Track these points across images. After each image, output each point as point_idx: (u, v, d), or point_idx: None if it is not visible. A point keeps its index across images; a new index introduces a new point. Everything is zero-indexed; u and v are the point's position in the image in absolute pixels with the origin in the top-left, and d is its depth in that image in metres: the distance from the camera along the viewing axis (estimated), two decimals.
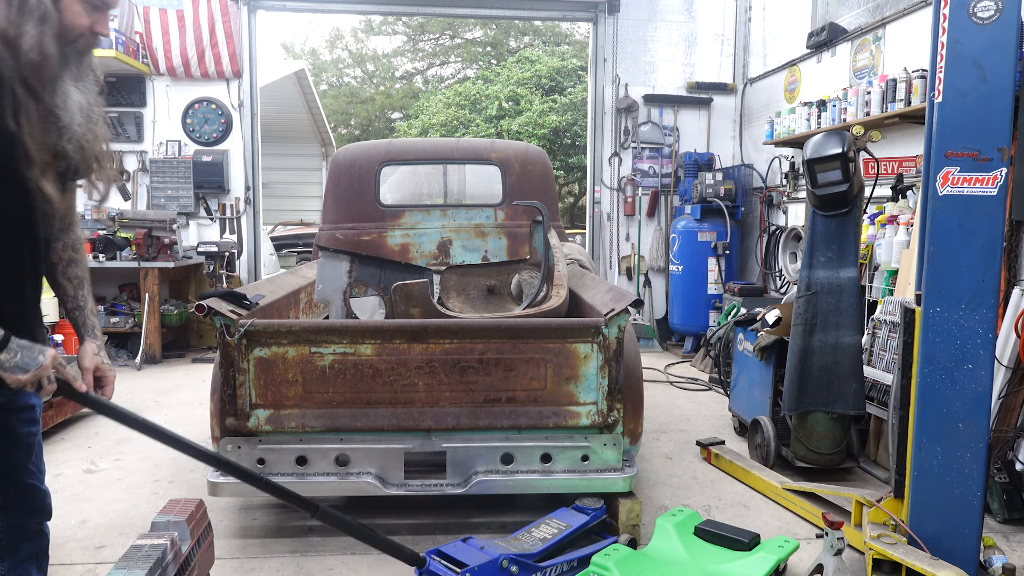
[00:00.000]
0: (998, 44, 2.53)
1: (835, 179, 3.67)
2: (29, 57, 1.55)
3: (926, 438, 2.72)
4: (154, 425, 1.92)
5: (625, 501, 3.10)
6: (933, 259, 2.65)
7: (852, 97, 5.22)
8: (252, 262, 7.81)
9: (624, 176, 7.97)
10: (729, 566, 2.77)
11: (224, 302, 3.10)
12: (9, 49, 1.54)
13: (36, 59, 1.56)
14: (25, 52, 1.55)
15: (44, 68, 1.58)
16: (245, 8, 7.46)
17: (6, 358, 1.65)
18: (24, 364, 1.69)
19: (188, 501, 2.47)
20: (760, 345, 4.26)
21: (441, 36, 23.41)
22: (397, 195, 5.18)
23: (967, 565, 2.65)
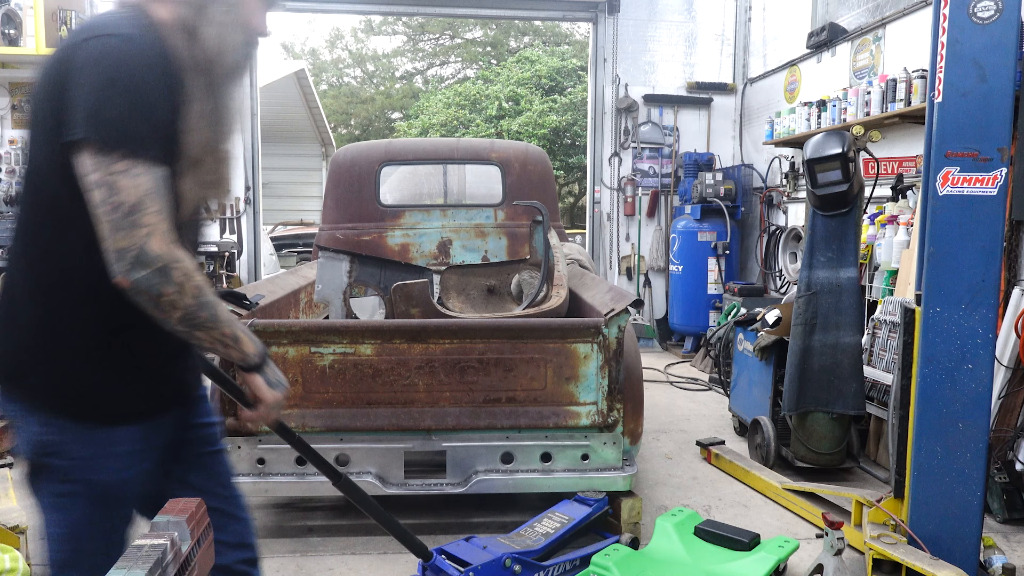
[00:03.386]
0: (998, 44, 2.53)
1: (835, 179, 3.67)
2: (210, 50, 1.44)
3: (926, 438, 2.72)
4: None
5: (626, 500, 3.10)
6: (933, 259, 2.65)
7: (852, 97, 5.22)
8: (252, 262, 7.81)
9: (624, 176, 7.97)
10: (729, 566, 2.77)
11: (224, 302, 3.09)
12: (191, 39, 1.42)
13: (216, 53, 1.45)
14: (207, 45, 1.44)
15: (222, 63, 1.47)
16: None
17: (271, 372, 1.53)
18: (281, 382, 1.56)
19: (188, 501, 2.46)
20: (760, 345, 4.26)
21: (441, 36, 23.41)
22: (397, 195, 5.18)
23: (967, 565, 2.65)
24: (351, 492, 2.18)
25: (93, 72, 1.28)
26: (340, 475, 2.15)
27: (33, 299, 1.39)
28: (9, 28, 6.77)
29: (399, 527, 2.32)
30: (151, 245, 1.27)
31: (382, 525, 2.30)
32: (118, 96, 1.28)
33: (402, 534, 2.33)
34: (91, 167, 1.27)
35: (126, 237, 1.26)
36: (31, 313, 1.39)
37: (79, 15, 6.93)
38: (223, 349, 1.44)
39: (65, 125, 1.28)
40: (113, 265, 1.27)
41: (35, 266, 1.40)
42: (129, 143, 1.27)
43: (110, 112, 1.27)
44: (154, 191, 1.29)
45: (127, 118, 1.28)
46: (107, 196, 1.26)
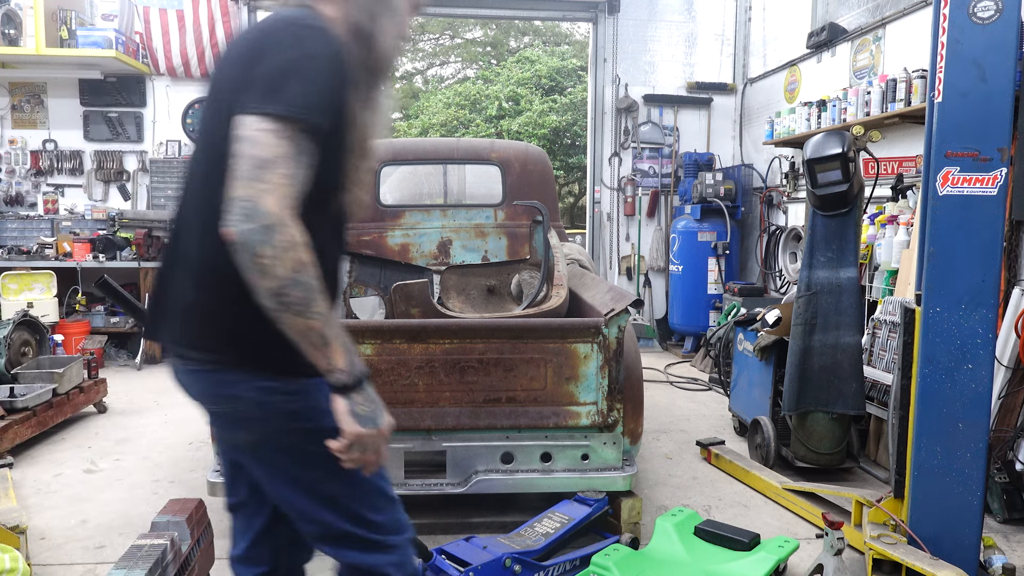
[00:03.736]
0: (998, 44, 2.53)
1: (835, 179, 3.67)
2: (378, 52, 1.51)
3: (926, 438, 2.72)
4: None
5: (626, 500, 3.10)
6: (933, 259, 2.65)
7: (852, 97, 5.21)
8: None
9: (624, 176, 7.96)
10: (729, 566, 2.77)
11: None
12: (362, 42, 1.48)
13: (384, 55, 1.53)
14: (377, 48, 1.51)
15: (387, 64, 1.55)
16: (245, 8, 7.45)
17: (361, 402, 1.39)
18: (373, 416, 1.41)
19: (188, 501, 2.47)
20: (760, 345, 4.26)
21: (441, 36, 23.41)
22: (397, 195, 5.18)
23: (967, 565, 2.65)
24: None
25: (280, 52, 1.34)
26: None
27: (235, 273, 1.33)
28: (9, 28, 6.77)
29: None
30: (266, 201, 1.26)
31: None
32: (298, 73, 1.33)
33: None
34: (245, 123, 1.30)
35: (246, 187, 1.26)
36: (239, 286, 1.33)
37: (79, 15, 6.93)
38: (309, 347, 1.34)
39: (246, 95, 1.32)
40: (226, 215, 1.27)
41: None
42: (287, 107, 1.30)
43: (284, 84, 1.31)
44: (292, 157, 1.30)
45: (297, 90, 1.32)
46: (247, 149, 1.28)
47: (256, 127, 1.29)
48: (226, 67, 1.44)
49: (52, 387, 4.60)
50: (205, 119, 1.50)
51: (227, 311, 1.41)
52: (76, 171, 7.46)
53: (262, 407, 1.44)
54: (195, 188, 1.48)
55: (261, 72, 1.32)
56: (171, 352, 1.52)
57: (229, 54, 1.46)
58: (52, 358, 5.08)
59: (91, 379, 5.12)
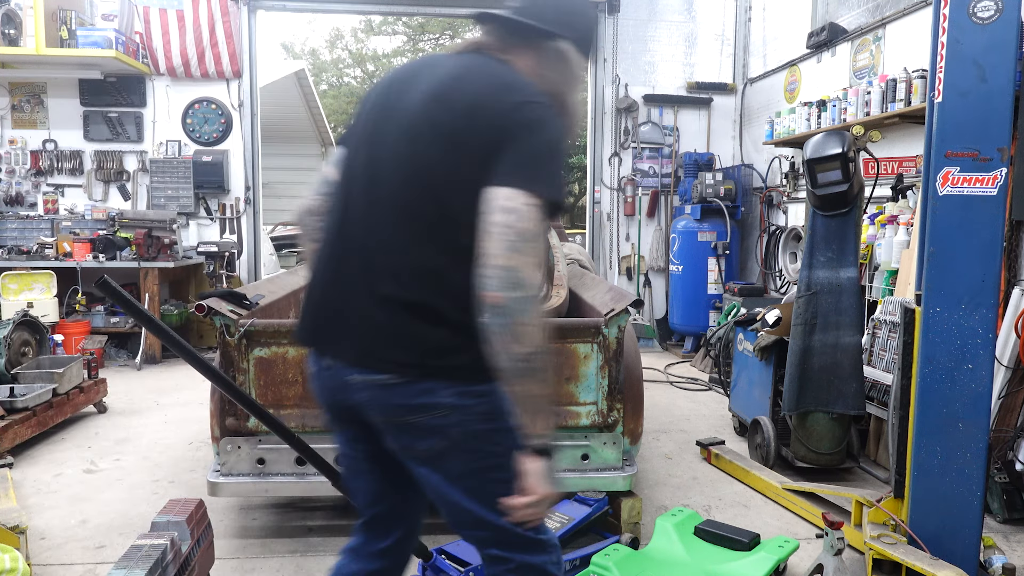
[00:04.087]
0: (998, 44, 2.53)
1: (835, 179, 3.67)
2: (573, 116, 1.72)
3: (926, 438, 2.72)
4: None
5: (626, 500, 3.10)
6: (933, 259, 2.65)
7: (852, 97, 5.21)
8: (252, 262, 7.81)
9: (624, 176, 7.96)
10: (729, 566, 2.77)
11: (224, 302, 3.10)
12: (562, 108, 1.61)
13: (574, 119, 1.74)
14: (571, 111, 1.70)
15: (575, 126, 1.78)
16: (245, 8, 7.45)
17: (551, 467, 1.50)
18: (555, 480, 1.52)
19: (188, 501, 2.47)
20: (760, 345, 4.26)
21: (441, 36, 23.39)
22: None
23: (967, 565, 2.65)
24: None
25: (533, 135, 1.47)
26: (340, 475, 2.15)
27: (454, 301, 1.48)
28: (9, 28, 6.77)
29: None
30: (531, 273, 1.38)
31: None
32: (552, 158, 1.48)
33: None
34: (513, 194, 1.41)
35: (514, 257, 1.37)
36: (455, 303, 1.48)
37: (79, 15, 6.93)
38: (530, 410, 1.45)
39: (496, 163, 1.44)
40: (491, 279, 1.38)
41: (453, 275, 1.48)
42: (548, 190, 1.45)
43: (542, 171, 1.46)
44: (543, 234, 1.47)
45: (554, 173, 1.48)
46: (514, 220, 1.39)
47: (523, 201, 1.41)
48: (432, 105, 1.52)
49: (52, 387, 4.60)
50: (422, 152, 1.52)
51: (426, 332, 1.50)
52: (76, 171, 7.46)
53: (458, 411, 1.52)
54: (385, 214, 1.54)
55: (523, 152, 1.45)
56: (352, 369, 1.56)
57: (434, 92, 1.53)
58: (52, 358, 5.08)
59: (91, 379, 5.12)
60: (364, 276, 1.54)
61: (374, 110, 1.63)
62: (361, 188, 1.58)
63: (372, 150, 1.58)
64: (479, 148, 1.46)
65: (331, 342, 1.60)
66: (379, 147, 1.57)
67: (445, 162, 1.49)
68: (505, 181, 1.42)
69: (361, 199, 1.57)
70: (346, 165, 1.64)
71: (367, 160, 1.59)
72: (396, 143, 1.54)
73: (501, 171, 1.43)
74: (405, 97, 1.57)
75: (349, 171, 1.63)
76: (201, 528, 2.46)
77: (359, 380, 1.55)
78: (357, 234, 1.57)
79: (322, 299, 1.62)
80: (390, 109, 1.59)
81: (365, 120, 1.64)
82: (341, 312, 1.57)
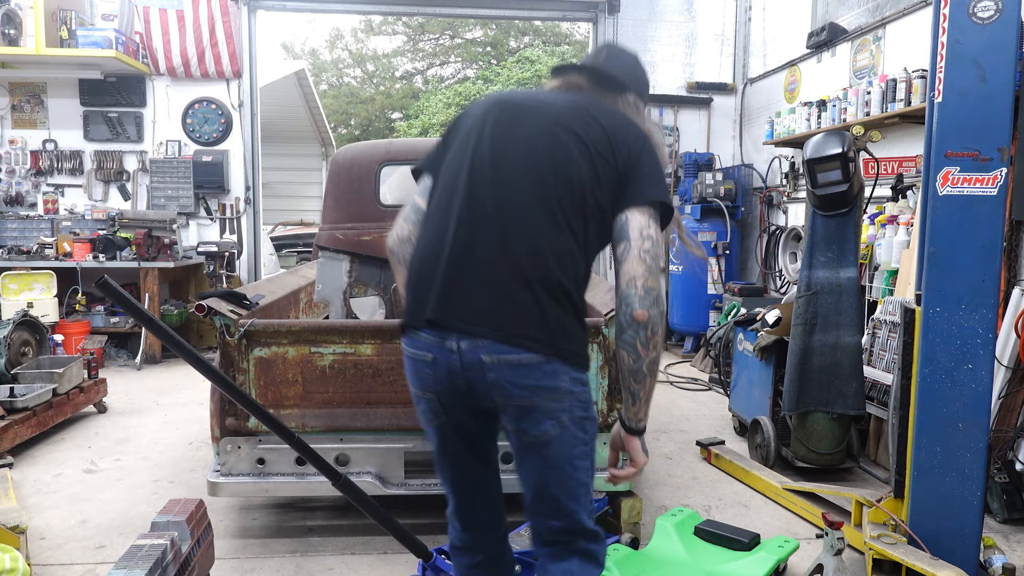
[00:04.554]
0: (998, 44, 2.53)
1: (835, 179, 3.66)
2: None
3: (926, 438, 2.72)
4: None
5: (626, 500, 3.10)
6: (933, 259, 2.65)
7: (852, 97, 5.21)
8: (252, 262, 7.81)
9: None
10: (729, 566, 2.77)
11: (224, 302, 3.10)
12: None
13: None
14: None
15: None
16: (245, 8, 7.45)
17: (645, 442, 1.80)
18: (647, 450, 1.80)
19: (188, 501, 2.47)
20: (760, 345, 4.26)
21: (441, 36, 23.40)
22: (397, 195, 5.17)
23: (967, 565, 2.65)
24: (351, 492, 2.18)
25: (656, 158, 1.79)
26: (340, 475, 2.15)
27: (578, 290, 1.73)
28: (9, 28, 6.77)
29: (399, 527, 2.32)
30: (662, 293, 1.69)
31: (382, 525, 2.30)
32: (665, 184, 1.78)
33: (402, 534, 2.33)
34: (647, 222, 1.70)
35: (655, 280, 1.65)
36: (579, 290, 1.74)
37: (79, 15, 6.93)
38: (642, 400, 1.72)
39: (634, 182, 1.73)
40: (640, 299, 1.64)
41: (580, 264, 1.73)
42: (668, 218, 1.77)
43: (666, 192, 1.76)
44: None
45: (669, 198, 1.77)
46: (651, 247, 1.67)
47: (656, 230, 1.71)
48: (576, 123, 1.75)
49: (52, 387, 4.60)
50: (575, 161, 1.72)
51: (559, 314, 1.67)
52: (76, 171, 7.46)
53: (570, 396, 1.70)
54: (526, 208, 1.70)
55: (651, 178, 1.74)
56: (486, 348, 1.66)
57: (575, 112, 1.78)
58: (52, 358, 5.08)
59: (91, 379, 5.12)
60: (502, 261, 1.67)
61: (494, 130, 1.78)
62: (491, 188, 1.73)
63: (502, 157, 1.75)
64: (618, 162, 1.73)
65: (462, 322, 1.67)
66: (514, 155, 1.75)
67: (588, 168, 1.71)
68: (643, 201, 1.71)
69: (490, 196, 1.72)
70: (456, 174, 1.78)
71: (496, 164, 1.74)
72: (538, 149, 1.73)
73: (638, 192, 1.72)
74: (536, 116, 1.78)
75: (463, 176, 1.76)
76: (201, 528, 2.46)
77: (493, 360, 1.65)
78: (488, 225, 1.70)
79: (447, 286, 1.70)
80: (517, 126, 1.77)
81: (479, 139, 1.79)
82: (474, 294, 1.67)
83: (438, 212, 1.78)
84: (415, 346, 1.76)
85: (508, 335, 1.64)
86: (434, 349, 1.72)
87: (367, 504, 2.22)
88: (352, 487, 2.17)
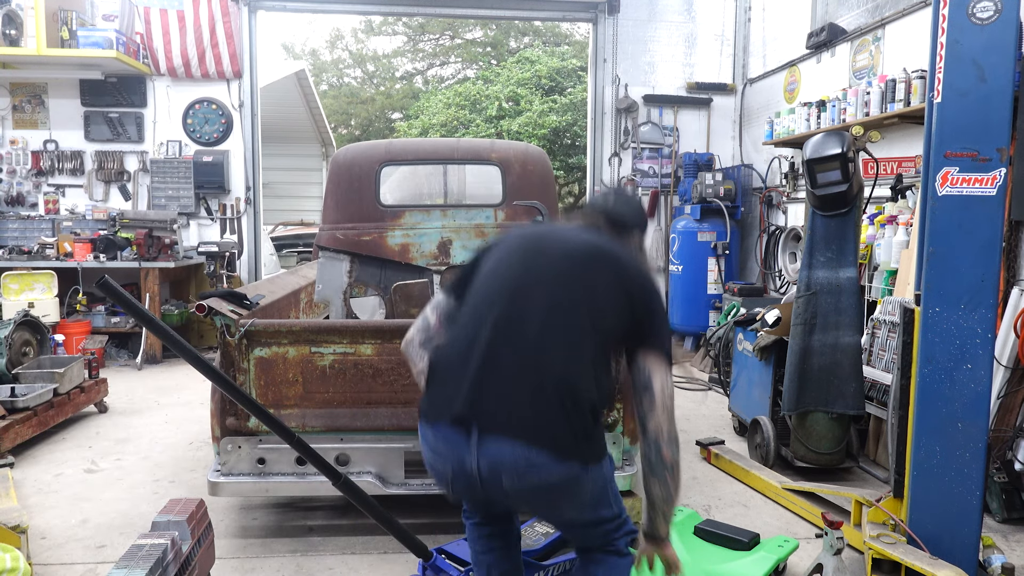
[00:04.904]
0: (997, 44, 2.54)
1: (835, 179, 3.67)
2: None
3: (925, 438, 2.72)
4: None
5: (626, 499, 3.10)
6: (932, 259, 2.66)
7: (852, 97, 5.21)
8: (252, 262, 7.81)
9: (624, 176, 7.97)
10: (728, 566, 2.77)
11: (224, 302, 3.11)
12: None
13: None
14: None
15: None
16: (245, 8, 7.46)
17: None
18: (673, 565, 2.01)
19: (188, 501, 2.47)
20: (760, 345, 4.26)
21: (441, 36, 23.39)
22: (397, 195, 5.18)
23: (966, 565, 2.65)
24: (351, 492, 2.18)
25: (660, 303, 2.05)
26: (340, 475, 2.16)
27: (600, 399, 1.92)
28: (10, 28, 6.78)
29: (399, 527, 2.33)
30: (677, 430, 1.96)
31: (382, 525, 2.30)
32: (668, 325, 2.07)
33: (402, 534, 2.34)
34: (660, 368, 1.95)
35: (674, 426, 1.93)
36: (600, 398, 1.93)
37: (80, 15, 6.93)
38: (666, 513, 1.95)
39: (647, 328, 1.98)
40: (667, 444, 1.90)
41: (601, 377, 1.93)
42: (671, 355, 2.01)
43: (669, 338, 2.00)
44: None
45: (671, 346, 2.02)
46: (670, 401, 1.93)
47: (671, 380, 1.96)
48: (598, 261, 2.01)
49: (53, 387, 4.61)
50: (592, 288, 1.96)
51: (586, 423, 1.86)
52: (77, 171, 7.46)
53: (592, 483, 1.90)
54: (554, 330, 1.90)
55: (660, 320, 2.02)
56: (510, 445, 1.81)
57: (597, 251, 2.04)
58: (53, 358, 5.09)
59: (92, 379, 5.13)
60: (532, 370, 1.86)
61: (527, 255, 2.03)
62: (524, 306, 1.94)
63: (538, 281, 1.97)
64: (633, 298, 1.98)
65: (489, 421, 1.83)
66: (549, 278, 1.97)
67: (606, 299, 1.95)
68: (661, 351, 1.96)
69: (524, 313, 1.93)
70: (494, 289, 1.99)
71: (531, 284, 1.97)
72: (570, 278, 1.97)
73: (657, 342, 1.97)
74: (568, 247, 2.03)
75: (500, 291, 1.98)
76: (201, 528, 2.46)
77: (515, 461, 1.79)
78: (521, 337, 1.90)
79: (475, 387, 1.87)
80: (551, 255, 2.01)
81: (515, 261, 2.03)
82: (503, 398, 1.85)
83: (472, 322, 1.96)
84: (436, 439, 1.90)
85: (533, 439, 1.79)
86: (455, 445, 1.85)
87: (367, 504, 2.23)
88: (352, 487, 2.17)
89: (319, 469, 2.12)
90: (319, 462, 2.11)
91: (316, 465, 2.12)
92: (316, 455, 2.11)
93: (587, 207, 2.29)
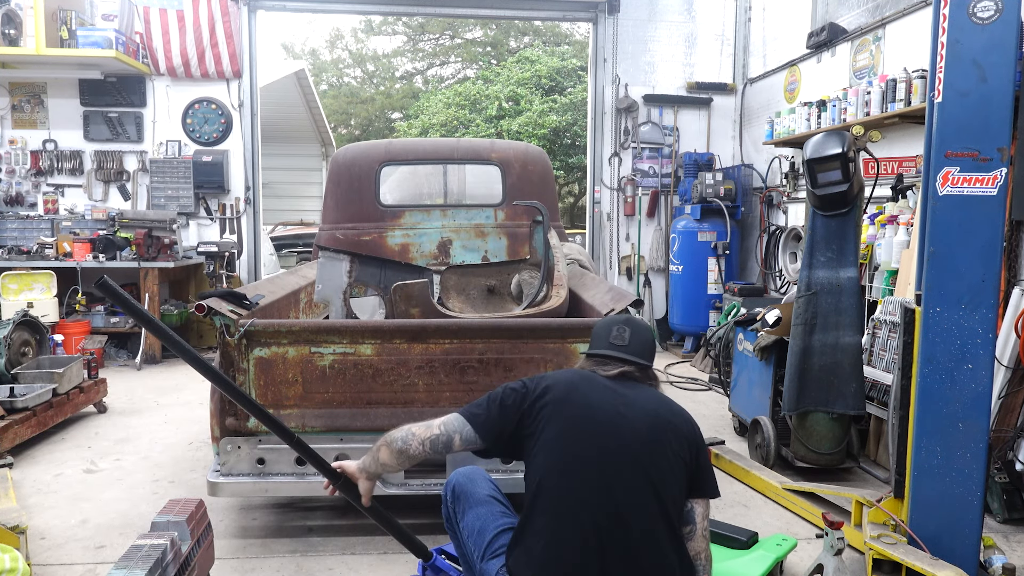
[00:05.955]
0: (998, 44, 2.53)
1: (835, 179, 3.66)
2: None
3: (926, 438, 2.72)
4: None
5: None
6: (933, 259, 2.65)
7: (852, 97, 5.21)
8: (252, 262, 7.81)
9: (624, 176, 7.97)
10: (727, 564, 2.77)
11: (224, 302, 3.10)
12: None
13: None
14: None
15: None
16: (245, 8, 7.45)
17: None
18: None
19: (188, 501, 2.47)
20: (760, 345, 4.26)
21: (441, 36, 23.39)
22: (397, 195, 5.18)
23: (967, 565, 2.65)
24: (351, 492, 2.18)
25: (707, 454, 2.13)
26: (340, 475, 2.16)
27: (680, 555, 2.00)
28: (9, 28, 6.77)
29: (399, 527, 2.32)
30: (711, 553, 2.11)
31: (382, 525, 2.30)
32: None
33: (402, 534, 2.33)
34: (707, 511, 2.09)
35: (710, 551, 2.09)
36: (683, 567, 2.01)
37: (79, 15, 6.93)
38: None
39: (700, 483, 2.07)
40: (703, 567, 2.04)
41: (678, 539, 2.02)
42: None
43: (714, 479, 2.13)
44: None
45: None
46: (707, 532, 2.08)
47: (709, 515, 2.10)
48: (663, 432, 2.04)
49: (52, 387, 4.61)
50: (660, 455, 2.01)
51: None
52: (76, 171, 7.46)
53: None
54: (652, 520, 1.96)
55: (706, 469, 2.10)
56: None
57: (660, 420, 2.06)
58: (52, 358, 5.09)
59: (91, 379, 5.12)
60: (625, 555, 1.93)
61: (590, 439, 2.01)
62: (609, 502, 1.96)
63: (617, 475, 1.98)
64: (690, 465, 2.04)
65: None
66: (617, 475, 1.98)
67: (672, 473, 2.01)
68: (710, 496, 2.09)
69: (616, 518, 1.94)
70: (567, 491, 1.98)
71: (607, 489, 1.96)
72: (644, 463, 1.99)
73: (710, 490, 2.09)
74: (627, 427, 2.02)
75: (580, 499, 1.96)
76: (201, 528, 2.46)
77: None
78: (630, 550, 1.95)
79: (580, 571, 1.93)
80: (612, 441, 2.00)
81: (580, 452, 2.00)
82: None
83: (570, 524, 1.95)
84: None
85: None
86: None
87: (368, 507, 2.22)
88: (352, 487, 2.17)
89: (319, 469, 2.12)
90: (318, 462, 2.11)
91: (316, 465, 2.11)
92: (316, 455, 2.11)
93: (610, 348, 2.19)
